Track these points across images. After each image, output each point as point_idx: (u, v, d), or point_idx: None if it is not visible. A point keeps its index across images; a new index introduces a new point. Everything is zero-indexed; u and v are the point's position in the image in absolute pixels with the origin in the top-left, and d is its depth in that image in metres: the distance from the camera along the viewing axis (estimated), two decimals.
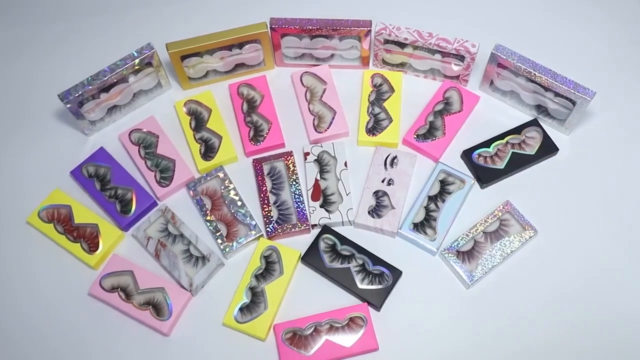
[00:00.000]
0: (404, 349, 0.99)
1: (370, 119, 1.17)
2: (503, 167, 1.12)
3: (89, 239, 1.07)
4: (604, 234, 1.07)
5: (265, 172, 1.13)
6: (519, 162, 1.12)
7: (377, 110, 1.18)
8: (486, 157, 1.13)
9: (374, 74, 1.21)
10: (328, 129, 1.16)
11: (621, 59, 1.24)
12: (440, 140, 1.14)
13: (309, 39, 1.19)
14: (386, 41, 1.18)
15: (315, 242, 1.06)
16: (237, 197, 1.10)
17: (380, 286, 1.02)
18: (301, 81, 1.21)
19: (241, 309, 1.01)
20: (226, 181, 1.11)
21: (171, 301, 1.01)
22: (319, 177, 1.12)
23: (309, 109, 1.18)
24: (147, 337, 1.01)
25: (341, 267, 1.04)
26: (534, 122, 1.15)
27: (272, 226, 1.07)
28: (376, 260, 1.04)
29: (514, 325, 1.00)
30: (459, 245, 1.05)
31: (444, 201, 1.09)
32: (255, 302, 1.01)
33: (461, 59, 1.16)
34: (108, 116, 1.19)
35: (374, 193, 1.10)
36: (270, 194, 1.11)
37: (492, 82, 1.19)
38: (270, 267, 1.04)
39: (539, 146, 1.13)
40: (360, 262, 1.04)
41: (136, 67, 1.14)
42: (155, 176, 1.12)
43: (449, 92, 1.20)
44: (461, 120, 1.17)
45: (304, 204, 1.09)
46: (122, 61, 1.13)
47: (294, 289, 1.04)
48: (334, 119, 1.17)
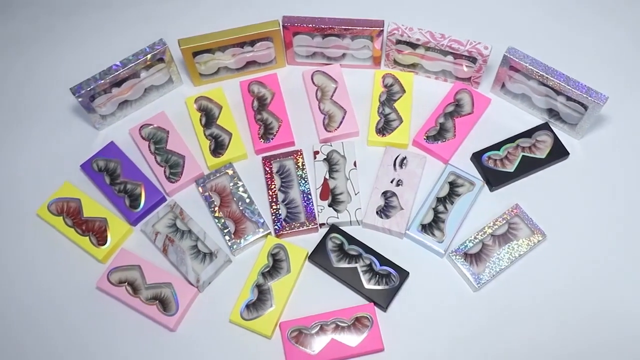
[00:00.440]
0: (410, 350, 0.99)
1: (380, 119, 1.17)
2: (513, 170, 1.11)
3: (98, 232, 1.08)
4: (613, 240, 1.06)
5: (275, 170, 1.13)
6: (529, 166, 1.12)
7: (387, 110, 1.18)
8: (496, 160, 1.13)
9: (385, 74, 1.21)
10: (338, 128, 1.16)
11: (635, 64, 1.24)
12: (451, 142, 1.14)
13: (321, 38, 1.19)
14: (398, 41, 1.17)
15: (323, 241, 1.06)
16: (245, 195, 1.10)
17: (386, 287, 1.02)
18: (312, 80, 1.21)
19: (247, 306, 1.01)
20: (235, 178, 1.12)
21: (178, 296, 1.01)
22: (328, 176, 1.12)
23: (319, 107, 1.18)
24: (153, 332, 1.01)
25: (348, 267, 1.04)
26: (545, 126, 1.15)
27: (280, 224, 1.07)
28: (383, 260, 1.04)
29: (520, 329, 1.00)
30: (466, 247, 1.04)
31: (452, 203, 1.09)
32: (261, 300, 1.01)
33: (473, 61, 1.15)
34: (119, 111, 1.19)
35: (382, 193, 1.10)
36: (279, 192, 1.11)
37: (503, 85, 1.18)
38: (277, 265, 1.05)
39: (549, 150, 1.13)
40: (368, 262, 1.04)
41: (148, 63, 1.15)
42: (165, 172, 1.13)
43: (460, 94, 1.19)
44: (472, 122, 1.16)
45: (312, 202, 1.09)
46: (134, 56, 1.13)
47: (300, 288, 1.04)
48: (344, 118, 1.17)
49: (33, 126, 1.21)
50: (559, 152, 1.13)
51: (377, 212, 1.08)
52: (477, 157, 1.13)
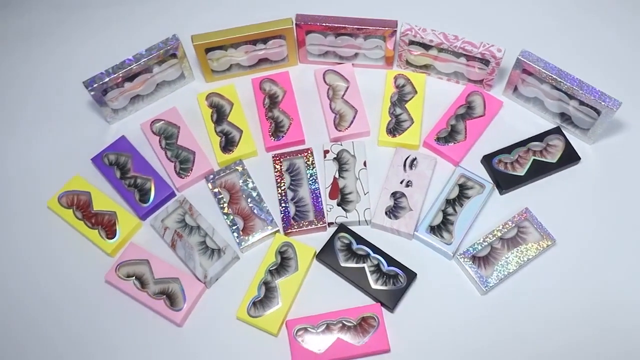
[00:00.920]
0: (416, 351, 0.99)
1: (391, 120, 1.16)
2: (523, 174, 1.11)
3: (107, 226, 1.08)
4: (623, 247, 1.06)
5: (284, 168, 1.13)
6: (539, 170, 1.11)
7: (398, 111, 1.18)
8: (506, 163, 1.12)
9: (397, 74, 1.21)
10: (349, 127, 1.16)
11: None
12: (461, 144, 1.14)
13: (333, 37, 1.19)
14: (411, 42, 1.17)
15: (331, 240, 1.06)
16: (255, 192, 1.10)
17: (394, 287, 1.02)
18: (324, 79, 1.21)
19: (254, 303, 1.01)
20: (245, 175, 1.12)
21: (185, 292, 1.02)
22: (337, 176, 1.11)
23: (330, 106, 1.18)
24: (160, 327, 1.01)
25: (356, 267, 1.04)
26: (556, 130, 1.14)
27: (288, 222, 1.07)
28: (391, 261, 1.04)
29: (527, 334, 1.00)
30: (475, 250, 1.04)
31: (462, 205, 1.08)
32: (268, 297, 1.01)
33: (486, 63, 1.15)
34: (131, 105, 1.20)
35: (392, 194, 1.09)
36: (288, 190, 1.11)
37: (516, 88, 1.18)
38: (285, 262, 1.05)
39: (560, 154, 1.12)
40: (375, 262, 1.04)
41: (161, 58, 1.15)
42: (175, 167, 1.13)
43: (472, 96, 1.19)
44: (483, 125, 1.16)
45: (321, 201, 1.09)
46: (147, 51, 1.14)
47: (307, 286, 1.04)
48: (355, 117, 1.17)
49: (45, 119, 1.22)
50: (570, 156, 1.12)
51: (386, 213, 1.08)
52: (487, 160, 1.12)
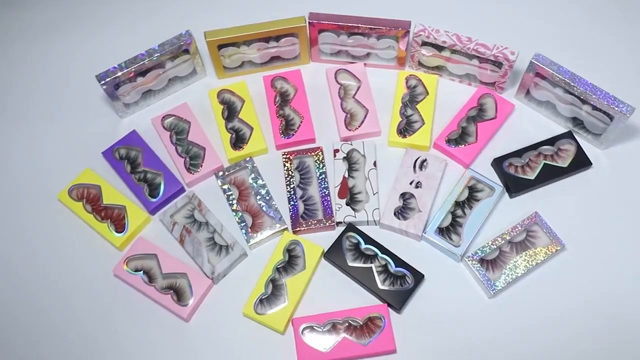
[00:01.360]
0: (422, 353, 0.98)
1: (402, 120, 1.16)
2: (534, 178, 1.10)
3: (116, 220, 1.09)
4: (633, 254, 1.05)
5: (294, 166, 1.13)
6: (550, 174, 1.11)
7: (409, 111, 1.17)
8: (517, 167, 1.12)
9: (409, 75, 1.20)
10: (359, 127, 1.16)
11: None
12: (472, 146, 1.13)
13: (346, 36, 1.19)
14: (424, 43, 1.17)
15: (339, 240, 1.06)
16: (264, 189, 1.10)
17: (401, 288, 1.01)
18: (335, 78, 1.21)
19: (261, 301, 1.01)
20: (255, 172, 1.12)
21: (193, 287, 1.02)
22: (347, 175, 1.11)
23: (341, 106, 1.18)
24: (166, 321, 1.02)
25: (363, 267, 1.04)
26: (568, 135, 1.13)
27: (297, 220, 1.07)
28: (399, 262, 1.03)
29: (533, 339, 0.99)
30: (483, 253, 1.04)
31: (471, 208, 1.08)
32: (275, 295, 1.02)
33: (499, 65, 1.14)
34: (142, 100, 1.20)
35: (401, 195, 1.09)
36: (297, 188, 1.11)
37: (528, 92, 1.17)
38: (292, 261, 1.05)
39: (571, 159, 1.12)
40: (383, 262, 1.04)
41: (173, 54, 1.15)
42: (185, 162, 1.13)
43: (483, 99, 1.18)
44: (494, 127, 1.15)
45: (330, 200, 1.09)
46: (160, 46, 1.14)
47: (315, 285, 1.04)
48: (366, 117, 1.17)
49: (58, 112, 1.22)
50: (581, 161, 1.11)
51: (394, 213, 1.08)
52: (498, 163, 1.12)
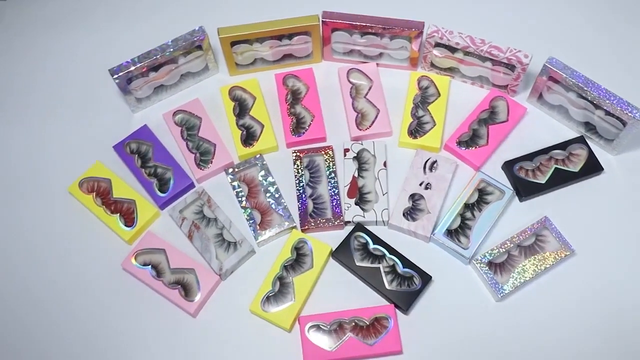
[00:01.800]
0: (428, 355, 0.98)
1: (413, 121, 1.16)
2: (544, 182, 1.10)
3: (126, 214, 1.09)
4: None
5: (304, 165, 1.13)
6: (561, 179, 1.10)
7: (421, 112, 1.17)
8: (528, 170, 1.12)
9: (421, 76, 1.20)
10: (370, 127, 1.16)
11: None
12: (483, 148, 1.13)
13: (359, 36, 1.19)
14: (437, 44, 1.16)
15: (347, 239, 1.05)
16: (274, 187, 1.10)
17: (408, 289, 1.01)
18: (347, 77, 1.21)
19: (268, 298, 1.01)
20: (265, 170, 1.12)
21: (200, 283, 1.02)
22: (356, 175, 1.11)
23: (352, 105, 1.18)
24: (174, 316, 1.02)
25: (371, 267, 1.03)
26: (580, 139, 1.13)
27: (305, 219, 1.07)
28: (407, 263, 1.03)
29: (540, 343, 0.99)
30: (492, 256, 1.03)
31: (480, 210, 1.08)
32: (282, 293, 1.02)
33: (512, 68, 1.14)
34: (154, 95, 1.20)
35: (410, 196, 1.09)
36: (307, 187, 1.11)
37: (540, 95, 1.17)
38: (300, 259, 1.05)
39: (583, 164, 1.11)
40: (391, 263, 1.04)
41: (186, 49, 1.15)
42: (195, 158, 1.13)
43: (495, 101, 1.18)
44: (506, 130, 1.15)
45: (339, 199, 1.09)
46: (173, 42, 1.14)
47: (322, 284, 1.04)
48: (377, 117, 1.16)
49: (70, 105, 1.23)
50: (593, 167, 1.11)
51: (403, 214, 1.07)
52: (508, 166, 1.11)
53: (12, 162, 1.17)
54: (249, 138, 1.16)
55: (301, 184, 1.10)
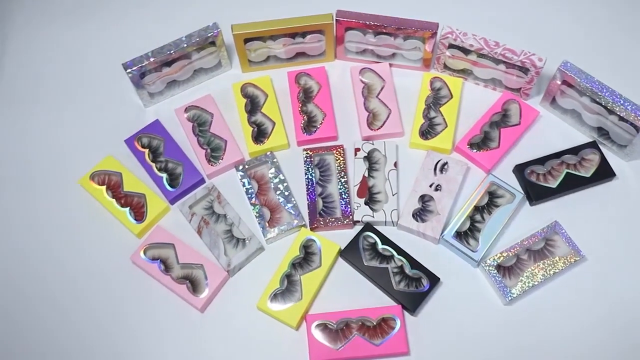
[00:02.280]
0: (434, 356, 0.98)
1: (424, 122, 1.16)
2: (555, 186, 1.09)
3: (136, 208, 1.10)
4: None
5: (314, 163, 1.13)
6: (572, 183, 1.10)
7: (433, 114, 1.17)
8: (539, 174, 1.11)
9: (434, 77, 1.20)
10: (381, 127, 1.15)
11: None
12: (494, 151, 1.13)
13: (372, 35, 1.19)
14: (450, 46, 1.16)
15: (356, 239, 1.05)
16: (284, 184, 1.10)
17: (416, 290, 1.01)
18: (360, 76, 1.21)
19: (275, 295, 1.01)
20: (275, 167, 1.12)
21: (208, 279, 1.02)
22: (367, 175, 1.11)
23: (364, 105, 1.18)
24: (181, 311, 1.02)
25: (379, 267, 1.03)
26: (592, 144, 1.12)
27: (314, 217, 1.07)
28: (415, 264, 1.03)
29: (547, 348, 0.98)
30: (501, 259, 1.03)
31: (490, 213, 1.07)
32: (290, 290, 1.02)
33: (525, 71, 1.13)
34: (167, 90, 1.21)
35: (420, 197, 1.09)
36: (316, 185, 1.11)
37: (554, 99, 1.16)
38: (309, 257, 1.05)
39: (595, 169, 1.10)
40: (399, 263, 1.04)
41: (200, 45, 1.15)
42: (206, 154, 1.14)
43: (508, 104, 1.17)
44: (517, 133, 1.14)
45: (349, 199, 1.09)
46: (187, 37, 1.14)
47: (330, 283, 1.04)
48: (388, 117, 1.16)
49: (83, 98, 1.23)
50: (605, 172, 1.10)
51: (413, 215, 1.07)
52: (519, 170, 1.11)
53: (25, 154, 1.18)
54: (259, 135, 1.16)
55: (311, 183, 1.10)
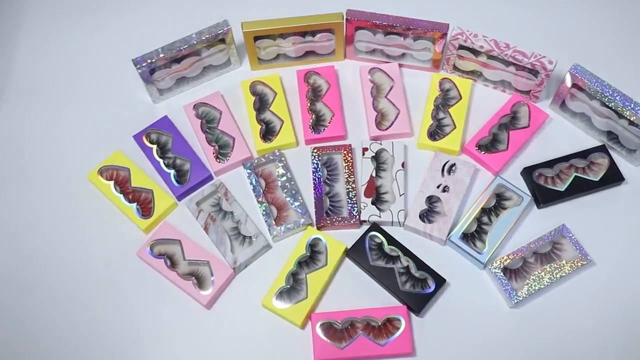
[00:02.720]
0: (439, 358, 0.98)
1: (433, 123, 1.15)
2: (563, 189, 1.09)
3: (143, 203, 1.10)
4: None
5: (322, 162, 1.13)
6: (580, 187, 1.09)
7: (441, 115, 1.17)
8: (547, 177, 1.11)
9: (443, 78, 1.20)
10: (390, 127, 1.15)
11: None
12: (502, 153, 1.12)
13: (382, 35, 1.18)
14: (460, 47, 1.16)
15: (363, 239, 1.05)
16: (291, 183, 1.10)
17: (422, 291, 1.01)
18: (369, 76, 1.21)
19: (281, 293, 1.01)
20: (283, 165, 1.12)
21: (214, 275, 1.03)
22: (374, 174, 1.11)
23: (373, 104, 1.18)
24: (187, 307, 1.02)
25: (385, 267, 1.03)
26: (601, 148, 1.12)
27: (321, 216, 1.07)
28: (421, 265, 1.03)
29: (552, 352, 0.98)
30: (507, 262, 1.02)
31: (497, 216, 1.07)
32: (295, 289, 1.02)
33: (535, 74, 1.13)
34: (176, 86, 1.21)
35: (427, 198, 1.09)
36: (324, 184, 1.11)
37: (563, 102, 1.16)
38: (315, 256, 1.05)
39: (604, 173, 1.10)
40: (405, 264, 1.03)
41: (210, 42, 1.16)
42: (214, 151, 1.14)
43: (517, 106, 1.17)
44: (526, 136, 1.14)
45: (356, 198, 1.09)
46: (197, 34, 1.14)
47: (335, 282, 1.04)
48: (397, 118, 1.16)
49: (93, 93, 1.24)
50: (613, 176, 1.10)
51: (420, 216, 1.07)
52: (527, 172, 1.11)
53: (35, 148, 1.18)
54: (268, 133, 1.16)
55: (318, 182, 1.10)
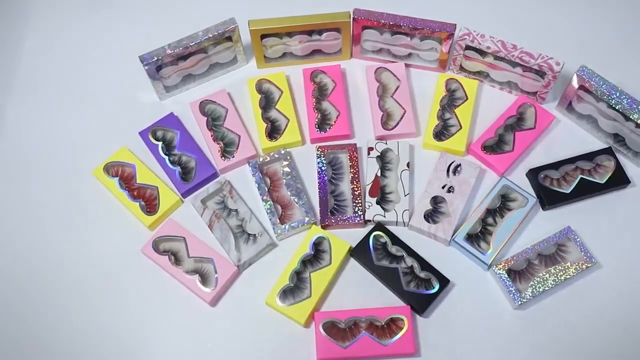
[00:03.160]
0: (442, 358, 0.98)
1: (439, 123, 1.15)
2: (569, 191, 1.09)
3: (148, 200, 1.10)
4: None
5: (327, 161, 1.13)
6: (586, 189, 1.09)
7: (447, 115, 1.16)
8: (553, 179, 1.10)
9: (450, 78, 1.19)
10: (395, 127, 1.15)
11: None
12: (508, 155, 1.12)
13: (389, 35, 1.18)
14: (467, 47, 1.16)
15: (367, 238, 1.05)
16: (296, 181, 1.10)
17: (425, 292, 1.01)
18: (375, 76, 1.20)
19: (284, 292, 1.01)
20: (288, 164, 1.12)
21: (218, 273, 1.03)
22: (379, 174, 1.11)
23: (379, 104, 1.17)
24: (191, 304, 1.03)
25: (389, 267, 1.03)
26: (608, 151, 1.11)
27: (326, 215, 1.07)
28: (425, 265, 1.03)
29: (556, 354, 0.98)
30: (512, 263, 1.02)
31: (502, 217, 1.07)
32: (299, 287, 1.02)
33: (542, 75, 1.13)
34: (182, 83, 1.21)
35: (432, 198, 1.08)
36: (329, 183, 1.11)
37: (570, 104, 1.15)
38: (319, 255, 1.05)
39: (609, 176, 1.09)
40: (409, 264, 1.03)
41: (217, 40, 1.16)
42: (219, 149, 1.14)
43: (523, 108, 1.17)
44: (532, 137, 1.14)
45: (361, 197, 1.09)
46: (203, 32, 1.15)
47: (339, 281, 1.04)
48: (402, 117, 1.16)
49: (99, 89, 1.24)
50: (619, 179, 1.09)
51: (424, 216, 1.07)
52: (533, 174, 1.10)
53: (40, 144, 1.19)
54: (273, 131, 1.16)
55: (323, 180, 1.10)
